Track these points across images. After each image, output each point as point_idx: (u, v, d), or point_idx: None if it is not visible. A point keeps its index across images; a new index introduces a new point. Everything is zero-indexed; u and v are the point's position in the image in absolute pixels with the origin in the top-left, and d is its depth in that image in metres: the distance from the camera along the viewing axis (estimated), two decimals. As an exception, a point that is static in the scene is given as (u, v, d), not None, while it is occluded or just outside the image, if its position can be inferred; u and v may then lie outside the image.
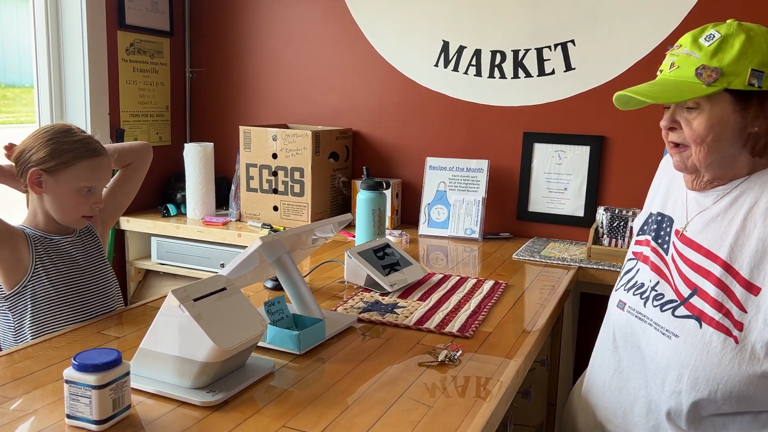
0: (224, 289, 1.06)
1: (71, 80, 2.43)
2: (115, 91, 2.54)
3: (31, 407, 0.97)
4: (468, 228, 2.25)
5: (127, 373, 0.93)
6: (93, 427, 0.89)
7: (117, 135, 2.52)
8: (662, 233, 1.25)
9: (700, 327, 1.09)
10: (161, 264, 2.51)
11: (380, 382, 1.09)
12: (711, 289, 1.10)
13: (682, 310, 1.13)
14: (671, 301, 1.16)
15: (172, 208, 2.57)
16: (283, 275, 1.32)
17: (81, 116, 2.42)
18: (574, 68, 2.22)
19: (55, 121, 2.42)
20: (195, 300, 1.00)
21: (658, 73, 1.21)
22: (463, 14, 2.34)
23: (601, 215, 2.05)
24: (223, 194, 2.64)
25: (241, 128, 2.43)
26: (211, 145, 2.51)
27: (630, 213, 2.02)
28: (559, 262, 1.94)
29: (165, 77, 2.77)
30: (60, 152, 1.38)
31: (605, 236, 2.03)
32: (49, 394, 1.01)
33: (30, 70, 2.45)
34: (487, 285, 1.66)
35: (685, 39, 1.16)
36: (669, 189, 1.30)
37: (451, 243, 2.21)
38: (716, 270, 1.11)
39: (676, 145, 1.18)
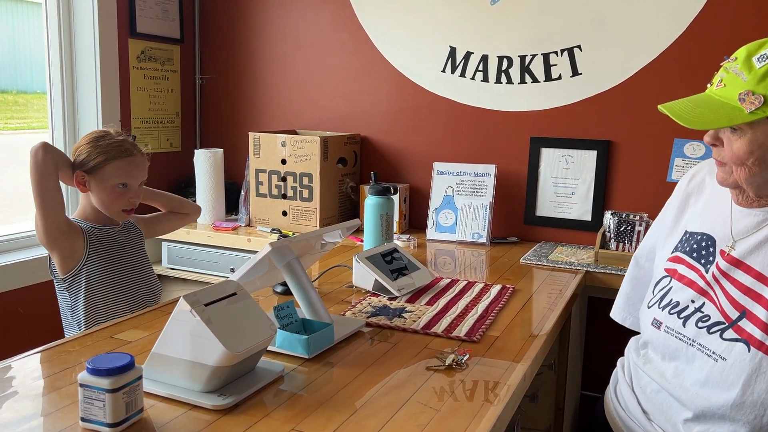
0: (234, 294, 1.08)
1: (83, 87, 2.46)
2: (127, 98, 2.57)
3: (45, 410, 0.99)
4: (475, 232, 2.26)
5: (140, 377, 0.95)
6: (106, 430, 0.91)
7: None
8: (704, 252, 1.21)
9: (749, 351, 1.07)
10: (172, 269, 2.54)
11: (388, 386, 1.10)
12: (762, 313, 1.08)
13: (730, 333, 1.10)
14: (718, 323, 1.13)
15: (182, 213, 2.59)
16: (292, 280, 1.33)
17: (92, 123, 2.45)
18: (581, 73, 2.23)
19: (67, 127, 2.46)
20: (206, 305, 1.01)
21: (708, 85, 1.17)
22: (470, 20, 2.36)
23: (609, 219, 2.05)
24: (232, 200, 2.67)
25: (251, 134, 2.46)
26: (221, 151, 2.54)
27: (637, 217, 2.02)
28: (567, 266, 1.95)
29: (175, 84, 2.80)
30: (95, 154, 1.60)
31: (612, 240, 2.03)
32: (64, 398, 1.03)
33: (41, 76, 2.49)
34: (495, 289, 1.67)
35: (741, 53, 1.12)
36: (706, 207, 1.27)
37: (459, 247, 2.22)
38: None
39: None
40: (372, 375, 1.15)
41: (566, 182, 2.28)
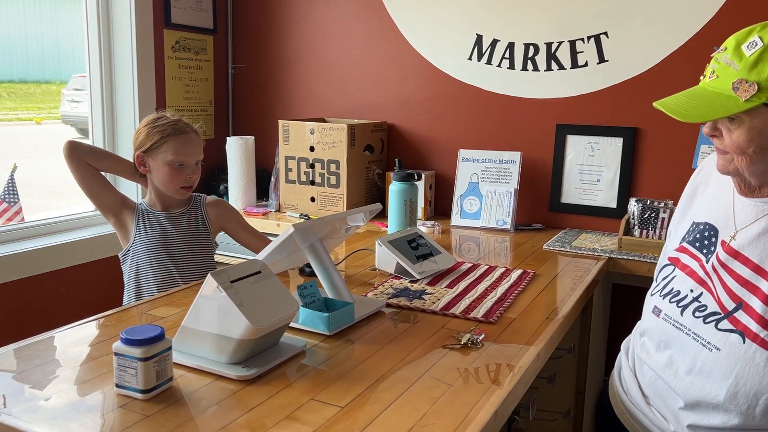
0: (259, 272, 1.13)
1: (121, 77, 2.55)
2: (162, 87, 2.66)
3: (83, 378, 1.06)
4: (500, 219, 2.28)
5: (170, 348, 1.01)
6: (139, 395, 0.98)
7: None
8: (706, 242, 1.21)
9: (743, 342, 1.07)
10: (205, 252, 2.62)
11: (404, 362, 1.15)
12: (758, 305, 1.07)
13: (725, 324, 1.10)
14: (714, 314, 1.13)
15: (214, 199, 2.67)
16: (315, 261, 1.39)
17: (130, 111, 2.55)
18: (607, 60, 2.22)
19: (106, 116, 2.56)
20: (232, 282, 1.07)
21: (701, 78, 1.17)
22: (496, 8, 2.37)
23: (633, 206, 2.06)
24: (263, 186, 2.74)
25: (280, 122, 2.52)
26: (252, 138, 2.60)
27: (662, 204, 2.02)
28: (590, 252, 1.96)
29: (209, 73, 2.87)
30: (152, 135, 1.69)
31: (636, 227, 2.04)
32: (100, 366, 1.10)
33: (82, 67, 2.59)
34: (515, 274, 1.70)
35: (730, 42, 1.11)
36: (713, 198, 1.27)
37: (483, 234, 2.25)
38: (764, 286, 1.08)
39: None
40: (390, 352, 1.19)
41: (592, 169, 2.29)
